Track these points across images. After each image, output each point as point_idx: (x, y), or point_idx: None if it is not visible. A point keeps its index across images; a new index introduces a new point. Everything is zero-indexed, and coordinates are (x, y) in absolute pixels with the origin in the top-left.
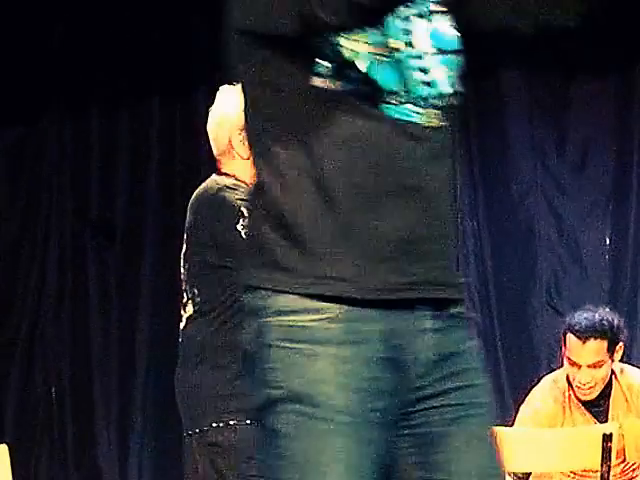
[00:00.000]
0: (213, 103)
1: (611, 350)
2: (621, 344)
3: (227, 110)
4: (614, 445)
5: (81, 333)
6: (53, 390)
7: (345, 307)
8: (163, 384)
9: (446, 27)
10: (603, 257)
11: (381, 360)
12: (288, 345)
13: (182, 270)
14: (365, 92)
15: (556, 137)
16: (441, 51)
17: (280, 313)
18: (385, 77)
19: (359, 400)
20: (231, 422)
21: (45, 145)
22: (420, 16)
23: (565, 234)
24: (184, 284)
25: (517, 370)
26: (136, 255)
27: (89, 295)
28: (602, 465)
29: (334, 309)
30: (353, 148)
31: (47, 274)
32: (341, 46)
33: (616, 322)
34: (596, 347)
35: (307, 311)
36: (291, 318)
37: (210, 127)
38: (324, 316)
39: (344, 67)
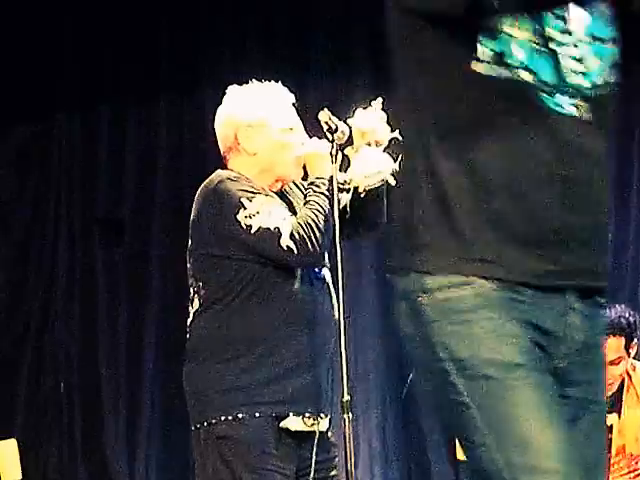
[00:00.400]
0: (219, 102)
1: (627, 347)
2: (636, 340)
3: (234, 109)
4: (614, 437)
5: (90, 329)
6: (62, 385)
7: (496, 283)
8: (171, 379)
9: (601, 14)
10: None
11: (531, 330)
12: (444, 319)
13: (188, 265)
14: (523, 81)
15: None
16: (596, 39)
17: (433, 291)
18: (541, 66)
19: (526, 352)
20: (240, 415)
21: (54, 144)
22: (577, 3)
23: None
24: (190, 279)
25: None
26: (144, 252)
27: (98, 291)
28: None
29: (484, 284)
30: (509, 137)
31: (56, 271)
32: (502, 32)
33: (632, 319)
34: (615, 344)
35: (458, 286)
36: (444, 294)
37: (217, 124)
38: (475, 287)
39: (504, 54)
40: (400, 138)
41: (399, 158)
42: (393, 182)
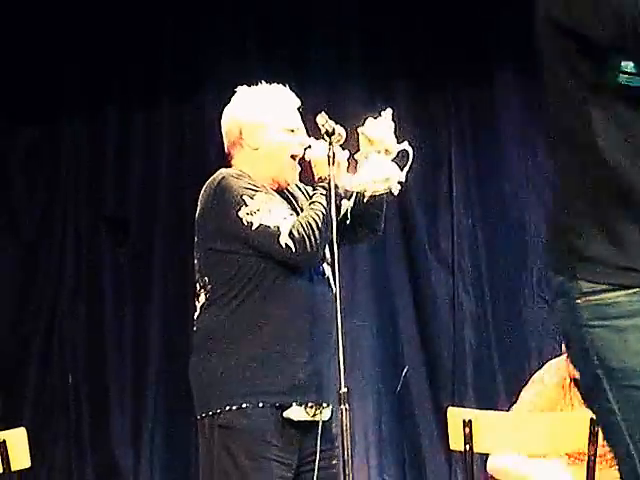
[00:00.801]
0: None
1: None
2: None
3: (240, 108)
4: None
5: (96, 324)
6: (70, 377)
7: None
8: (176, 370)
9: None
10: None
11: None
12: (598, 323)
13: (195, 261)
14: None
15: (547, 135)
16: None
17: (587, 294)
18: None
19: None
20: (243, 405)
21: (61, 145)
22: None
23: None
24: (196, 274)
25: (509, 358)
26: (149, 250)
27: (104, 287)
28: (589, 448)
29: (638, 290)
30: None
31: (64, 269)
32: None
33: None
34: None
35: (613, 289)
36: (598, 297)
37: (223, 122)
38: (630, 291)
39: None
40: (410, 150)
41: (405, 168)
42: (396, 191)
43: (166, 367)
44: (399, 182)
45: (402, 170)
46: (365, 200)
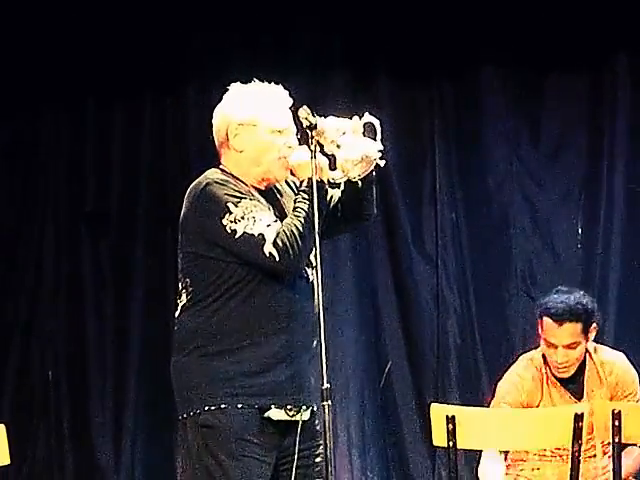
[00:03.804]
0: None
1: (585, 331)
2: (595, 325)
3: (229, 106)
4: (585, 425)
5: (77, 319)
6: (50, 373)
7: None
8: (156, 367)
9: None
10: (575, 245)
11: None
12: None
13: (178, 260)
14: None
15: (530, 130)
16: None
17: None
18: None
19: None
20: (222, 405)
21: (40, 137)
22: None
23: (539, 223)
24: (179, 274)
25: (493, 353)
26: (129, 244)
27: (84, 282)
28: (573, 444)
29: None
30: None
31: (44, 262)
32: None
33: (590, 305)
34: (571, 329)
35: None
36: None
37: (213, 120)
38: None
39: None
40: (374, 121)
41: (378, 137)
42: (383, 164)
43: (147, 364)
44: (380, 152)
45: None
46: (354, 185)
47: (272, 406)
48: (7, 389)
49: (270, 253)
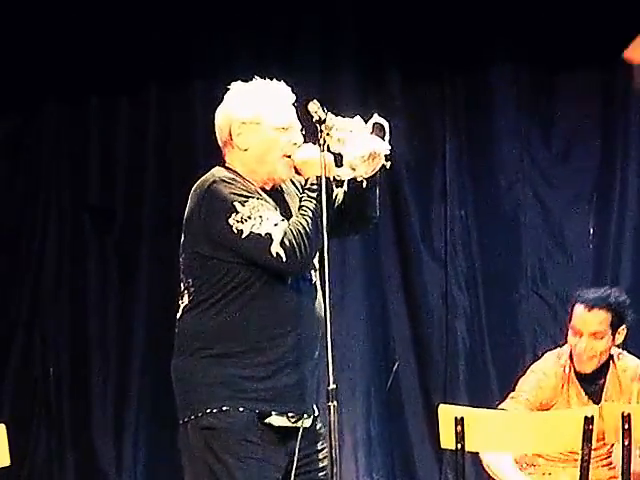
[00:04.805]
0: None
1: (614, 326)
2: (624, 326)
3: (232, 104)
4: (595, 428)
5: (79, 317)
6: (51, 371)
7: None
8: (159, 366)
9: None
10: (586, 246)
11: None
12: None
13: (180, 260)
14: None
15: (542, 129)
16: None
17: None
18: None
19: None
20: (224, 408)
21: (45, 132)
22: None
23: (550, 223)
24: (181, 274)
25: (502, 355)
26: (134, 241)
27: (88, 279)
28: (583, 447)
29: None
30: None
31: (46, 258)
32: None
33: (623, 301)
34: (600, 317)
35: None
36: None
37: (216, 118)
38: None
39: None
40: (384, 122)
41: (386, 138)
42: (389, 165)
43: (150, 361)
44: (386, 156)
45: (384, 140)
46: (358, 185)
47: (273, 412)
48: (8, 385)
49: (277, 253)
